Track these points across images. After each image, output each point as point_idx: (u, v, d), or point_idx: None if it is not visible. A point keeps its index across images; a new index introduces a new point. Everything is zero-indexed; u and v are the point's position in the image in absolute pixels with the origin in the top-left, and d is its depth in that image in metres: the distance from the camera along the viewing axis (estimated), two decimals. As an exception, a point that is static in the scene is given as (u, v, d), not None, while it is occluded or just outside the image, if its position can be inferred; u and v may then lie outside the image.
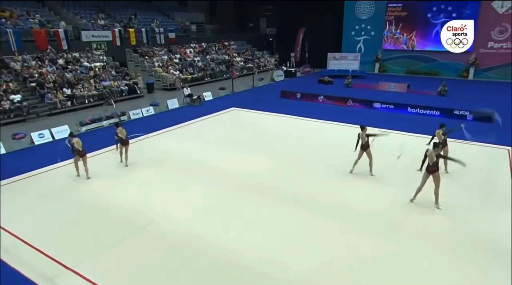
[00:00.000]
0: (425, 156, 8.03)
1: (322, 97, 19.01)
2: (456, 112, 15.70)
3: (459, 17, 25.88)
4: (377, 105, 17.40)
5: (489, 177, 9.69)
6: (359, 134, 9.43)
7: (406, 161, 10.09)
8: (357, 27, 30.60)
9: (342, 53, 29.42)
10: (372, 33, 29.96)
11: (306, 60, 32.75)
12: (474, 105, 16.71)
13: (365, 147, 9.48)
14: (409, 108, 16.64)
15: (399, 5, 28.17)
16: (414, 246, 6.60)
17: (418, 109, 16.43)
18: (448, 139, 10.05)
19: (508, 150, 11.48)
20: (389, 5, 28.55)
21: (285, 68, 29.37)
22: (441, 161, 8.28)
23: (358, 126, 9.78)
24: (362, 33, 30.49)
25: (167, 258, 6.27)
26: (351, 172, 9.84)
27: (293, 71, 29.12)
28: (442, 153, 8.93)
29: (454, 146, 11.88)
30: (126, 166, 10.41)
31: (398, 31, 28.72)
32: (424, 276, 5.82)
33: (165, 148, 11.94)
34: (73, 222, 7.50)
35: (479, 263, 6.12)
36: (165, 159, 10.95)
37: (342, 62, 28.18)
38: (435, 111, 16.12)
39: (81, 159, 9.47)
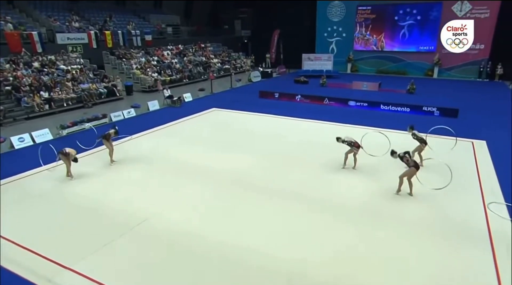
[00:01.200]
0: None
1: (299, 96, 19.74)
2: (425, 108, 16.83)
3: (424, 20, 27.58)
4: (351, 103, 18.31)
5: (458, 167, 10.59)
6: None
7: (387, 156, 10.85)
8: (329, 28, 31.73)
9: (316, 54, 30.44)
10: (344, 34, 31.19)
11: (281, 61, 33.56)
12: (440, 101, 18.01)
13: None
14: (381, 106, 17.64)
15: (368, 8, 29.52)
16: (402, 233, 7.27)
17: (390, 106, 17.46)
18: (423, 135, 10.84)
19: (472, 142, 12.53)
20: (359, 7, 29.85)
21: (261, 69, 30.00)
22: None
23: (336, 124, 10.46)
24: (334, 34, 31.67)
25: (161, 255, 6.49)
26: (343, 167, 10.51)
27: (269, 71, 29.80)
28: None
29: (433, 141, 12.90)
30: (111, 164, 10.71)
31: (368, 32, 30.07)
32: (416, 261, 6.47)
33: (149, 149, 12.16)
34: (65, 223, 7.57)
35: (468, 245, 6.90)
36: (151, 160, 11.16)
37: (316, 62, 29.16)
38: (405, 108, 17.20)
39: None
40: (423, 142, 10.41)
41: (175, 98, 18.77)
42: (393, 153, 9.16)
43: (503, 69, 25.92)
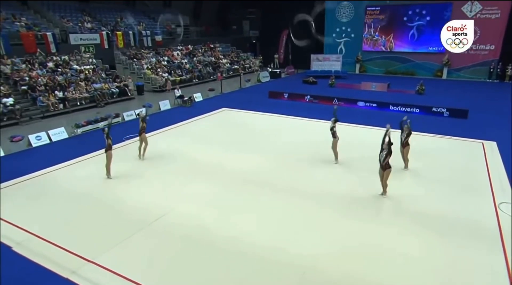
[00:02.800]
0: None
1: (308, 96, 19.88)
2: (434, 109, 16.87)
3: (433, 20, 27.50)
4: (360, 103, 18.41)
5: (468, 167, 10.68)
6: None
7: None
8: (338, 29, 31.78)
9: (324, 55, 30.50)
10: (352, 35, 31.21)
11: (289, 61, 33.68)
12: (449, 102, 18.03)
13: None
14: (391, 106, 17.71)
15: (377, 8, 29.52)
16: (411, 231, 7.44)
17: (399, 107, 17.53)
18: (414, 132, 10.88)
19: (482, 143, 12.57)
20: (368, 8, 29.86)
21: (270, 69, 30.16)
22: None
23: (345, 124, 10.63)
24: (343, 35, 31.71)
25: (177, 249, 6.77)
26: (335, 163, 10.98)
27: (278, 72, 29.96)
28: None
29: (432, 140, 13.02)
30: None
31: (376, 33, 30.06)
32: (425, 260, 6.64)
33: (162, 148, 12.40)
34: (85, 219, 7.86)
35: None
36: (165, 158, 11.43)
37: (325, 63, 29.24)
38: (415, 109, 17.25)
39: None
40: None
41: (185, 98, 19.04)
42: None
43: (513, 70, 25.78)
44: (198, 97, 20.62)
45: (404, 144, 10.27)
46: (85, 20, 24.97)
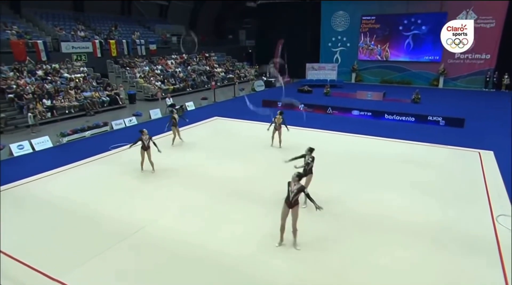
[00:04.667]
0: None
1: (302, 105, 19.56)
2: (430, 118, 16.55)
3: (429, 30, 27.44)
4: (355, 112, 18.09)
5: (465, 177, 10.27)
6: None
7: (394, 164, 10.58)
8: (333, 38, 31.71)
9: (320, 64, 30.37)
10: (348, 44, 31.13)
11: (285, 71, 33.50)
12: (445, 111, 17.72)
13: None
14: (386, 115, 17.38)
15: (372, 17, 29.49)
16: (406, 243, 7.00)
17: (395, 116, 17.20)
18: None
19: (479, 153, 12.20)
20: (363, 17, 29.83)
21: (265, 78, 29.96)
22: None
23: (339, 133, 10.23)
24: (339, 44, 31.63)
25: (155, 264, 6.29)
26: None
27: (272, 81, 29.73)
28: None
29: (427, 149, 12.65)
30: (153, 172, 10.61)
31: (372, 42, 29.98)
32: (420, 273, 6.20)
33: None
34: (58, 232, 7.35)
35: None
36: (150, 167, 10.98)
37: (320, 72, 29.08)
38: (410, 118, 16.92)
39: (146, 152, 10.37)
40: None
41: (177, 107, 18.67)
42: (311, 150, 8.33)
43: (509, 79, 25.60)
44: (190, 105, 20.28)
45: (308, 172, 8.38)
46: (78, 28, 24.78)
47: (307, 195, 6.53)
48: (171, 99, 19.46)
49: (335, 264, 6.29)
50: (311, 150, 8.37)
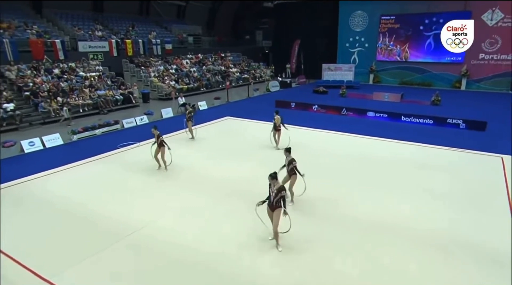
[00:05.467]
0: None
1: (316, 106, 19.13)
2: (450, 120, 15.80)
3: (451, 29, 26.35)
4: (370, 114, 17.51)
5: (486, 184, 9.63)
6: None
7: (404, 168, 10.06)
8: (351, 39, 31.02)
9: (336, 64, 29.76)
10: (366, 45, 30.38)
11: (301, 71, 33.09)
12: (467, 114, 16.90)
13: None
14: (402, 117, 16.73)
15: (392, 17, 28.66)
16: (415, 254, 6.55)
17: (412, 118, 16.52)
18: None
19: (502, 158, 11.48)
20: (382, 17, 29.03)
21: (280, 79, 29.61)
22: None
23: (352, 134, 9.76)
24: (357, 45, 30.91)
25: (149, 266, 6.09)
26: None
27: (288, 81, 29.36)
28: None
29: (445, 153, 12.01)
30: (166, 170, 10.50)
31: (391, 42, 29.14)
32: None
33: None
34: (55, 231, 7.24)
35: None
36: (156, 167, 10.83)
37: (337, 73, 28.49)
38: (428, 120, 16.22)
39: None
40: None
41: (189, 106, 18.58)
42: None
43: (538, 81, 24.32)
44: (202, 105, 20.17)
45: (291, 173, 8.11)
46: (96, 28, 25.16)
47: (283, 198, 6.20)
48: (183, 98, 19.39)
49: (341, 269, 5.90)
50: (288, 150, 8.13)
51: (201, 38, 35.37)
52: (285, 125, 12.50)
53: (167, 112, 18.09)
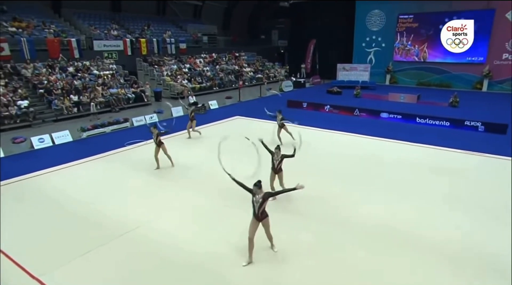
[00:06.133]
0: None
1: (328, 106, 18.74)
2: (467, 122, 15.14)
3: (473, 29, 25.39)
4: (384, 115, 16.98)
5: (502, 192, 9.08)
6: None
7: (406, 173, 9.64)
8: (367, 38, 30.36)
9: (352, 64, 29.20)
10: (383, 44, 29.65)
11: (316, 71, 32.65)
12: (486, 116, 16.16)
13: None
14: (417, 119, 16.14)
15: (410, 16, 27.84)
16: (419, 264, 6.19)
17: (427, 120, 15.93)
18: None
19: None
20: (400, 16, 28.25)
21: (294, 79, 29.27)
22: None
23: (363, 136, 9.40)
24: (373, 44, 30.23)
25: (142, 267, 5.97)
26: None
27: (302, 81, 29.00)
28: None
29: (461, 157, 11.47)
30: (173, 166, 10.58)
31: (409, 42, 28.32)
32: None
33: (163, 154, 11.71)
34: (50, 228, 7.19)
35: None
36: (163, 166, 10.74)
37: (352, 73, 27.93)
38: (444, 122, 15.58)
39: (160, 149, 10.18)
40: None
41: (199, 105, 18.55)
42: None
43: None
44: (213, 104, 20.10)
45: (278, 170, 8.28)
46: (112, 28, 25.51)
47: (276, 193, 6.30)
48: (193, 97, 19.37)
49: (338, 274, 5.61)
50: (279, 148, 8.28)
51: (216, 38, 35.43)
52: (287, 121, 12.66)
53: (177, 111, 18.07)
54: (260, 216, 5.81)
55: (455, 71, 26.65)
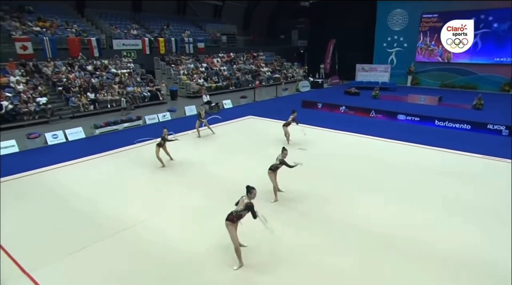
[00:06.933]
0: None
1: (343, 107, 18.28)
2: (490, 126, 14.38)
3: (502, 28, 24.24)
4: (401, 117, 16.39)
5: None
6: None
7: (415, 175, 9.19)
8: (389, 38, 29.52)
9: (371, 65, 28.45)
10: (405, 44, 28.73)
11: (336, 72, 32.07)
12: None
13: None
14: (436, 121, 15.47)
15: (434, 15, 26.84)
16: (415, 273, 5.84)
17: (446, 122, 15.23)
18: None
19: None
20: (424, 15, 27.29)
21: (312, 79, 28.85)
22: None
23: (378, 138, 9.07)
24: (395, 44, 29.35)
25: (131, 266, 5.91)
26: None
27: (319, 82, 28.54)
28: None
29: (480, 162, 10.88)
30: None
31: (433, 42, 27.30)
32: None
33: (171, 153, 11.70)
34: (50, 223, 7.27)
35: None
36: (167, 165, 10.71)
37: (371, 73, 27.22)
38: (465, 125, 14.86)
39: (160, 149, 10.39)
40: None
41: (213, 104, 18.54)
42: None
43: None
44: (227, 104, 20.05)
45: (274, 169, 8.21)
46: (132, 27, 25.96)
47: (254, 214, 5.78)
48: (207, 96, 19.38)
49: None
50: (285, 149, 8.34)
51: (236, 37, 35.45)
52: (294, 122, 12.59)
53: (191, 110, 18.12)
54: (231, 217, 5.73)
55: (481, 72, 25.48)
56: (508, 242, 6.48)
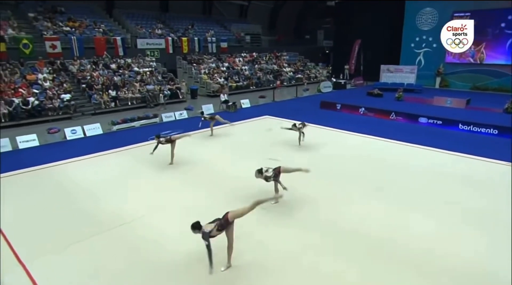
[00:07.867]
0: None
1: (363, 109, 17.76)
2: (520, 132, 13.46)
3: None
4: (422, 120, 15.69)
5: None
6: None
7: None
8: (417, 38, 28.39)
9: (397, 66, 27.48)
10: (434, 45, 27.43)
11: (360, 73, 31.29)
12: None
13: None
14: (460, 125, 14.68)
15: (466, 14, 25.48)
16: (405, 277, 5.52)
17: (471, 127, 14.42)
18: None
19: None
20: (455, 14, 25.98)
21: (334, 80, 28.30)
22: None
23: (395, 141, 8.76)
24: (423, 45, 28.18)
25: (123, 263, 5.95)
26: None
27: (342, 83, 27.94)
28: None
29: (502, 170, 10.21)
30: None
31: (464, 42, 25.95)
32: None
33: (179, 150, 11.79)
34: (51, 217, 7.46)
35: None
36: (175, 162, 10.81)
37: (397, 75, 26.29)
38: (492, 130, 13.99)
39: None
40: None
41: (230, 103, 18.59)
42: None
43: None
44: (245, 103, 20.03)
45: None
46: (157, 27, 26.57)
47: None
48: (225, 95, 19.45)
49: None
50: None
51: (260, 37, 35.45)
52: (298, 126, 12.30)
53: (208, 109, 18.23)
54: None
55: (517, 74, 23.99)
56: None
